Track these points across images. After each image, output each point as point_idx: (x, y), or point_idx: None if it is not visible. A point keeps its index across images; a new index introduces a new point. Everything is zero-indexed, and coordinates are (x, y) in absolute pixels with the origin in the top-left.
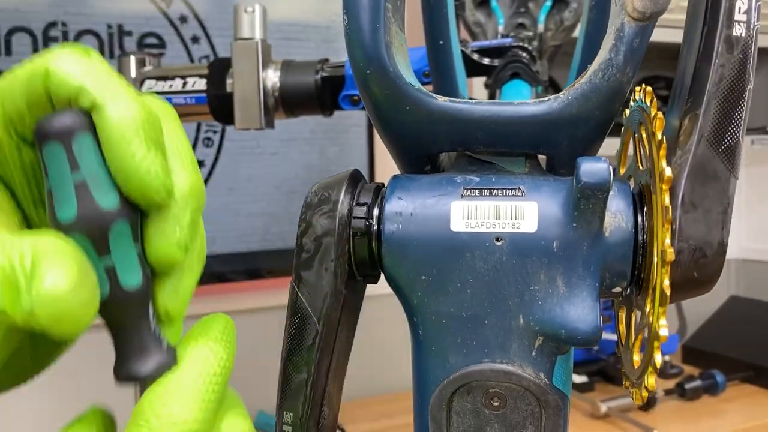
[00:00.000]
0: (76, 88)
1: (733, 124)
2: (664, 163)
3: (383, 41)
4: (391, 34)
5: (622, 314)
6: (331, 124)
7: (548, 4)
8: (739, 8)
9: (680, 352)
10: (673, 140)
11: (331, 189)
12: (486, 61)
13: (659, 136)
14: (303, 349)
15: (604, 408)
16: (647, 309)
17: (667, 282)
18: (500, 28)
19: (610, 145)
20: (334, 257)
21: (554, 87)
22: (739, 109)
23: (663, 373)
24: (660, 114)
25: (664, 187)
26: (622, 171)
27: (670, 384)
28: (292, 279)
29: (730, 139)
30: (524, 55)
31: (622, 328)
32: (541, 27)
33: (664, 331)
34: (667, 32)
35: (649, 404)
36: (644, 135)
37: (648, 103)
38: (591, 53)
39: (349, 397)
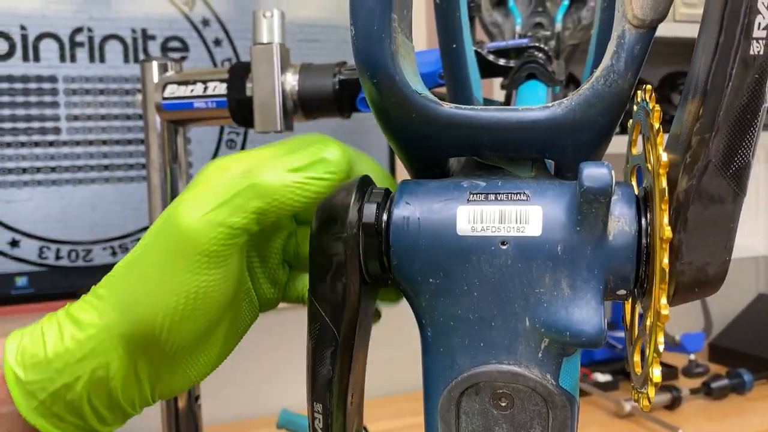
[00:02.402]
0: (348, 163)
1: (744, 146)
2: (661, 149)
3: (389, 51)
4: (397, 44)
5: (627, 315)
6: (350, 125)
7: (566, 3)
8: (759, 24)
9: (707, 350)
10: (678, 143)
11: (338, 207)
12: (502, 62)
13: (657, 126)
14: (325, 354)
15: (628, 407)
16: (651, 298)
17: (666, 260)
18: (518, 28)
19: (621, 142)
20: (347, 274)
21: (574, 83)
22: (751, 131)
23: (689, 372)
24: (658, 107)
25: (661, 171)
26: (635, 151)
27: (696, 383)
28: (309, 289)
29: (740, 161)
30: (540, 55)
31: (627, 323)
32: (558, 26)
33: (665, 311)
34: (690, 27)
35: (674, 403)
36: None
37: (647, 99)
38: (603, 55)
39: (368, 396)
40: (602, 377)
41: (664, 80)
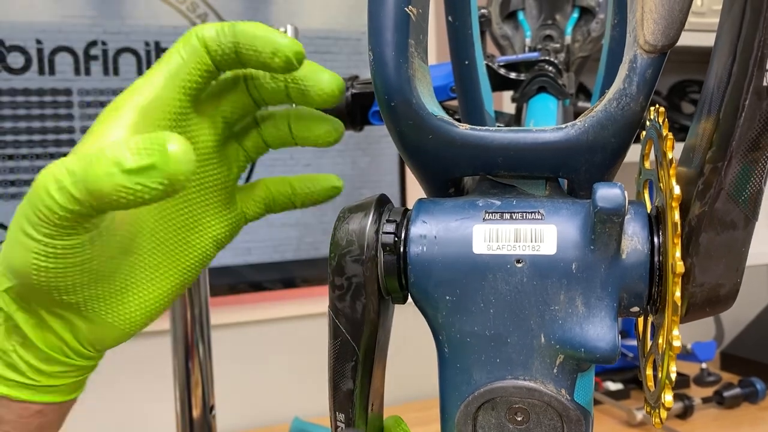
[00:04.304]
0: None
1: (756, 174)
2: (673, 181)
3: (406, 75)
4: (414, 67)
5: (640, 327)
6: (362, 136)
7: (575, 15)
8: None
9: (718, 359)
10: (691, 161)
11: (356, 230)
12: (512, 75)
13: (670, 155)
14: (346, 367)
15: (639, 416)
16: (663, 326)
17: (678, 293)
18: (527, 41)
19: (635, 150)
20: (366, 294)
21: (585, 94)
22: (764, 159)
23: (701, 380)
24: (671, 135)
25: (674, 204)
26: (647, 164)
27: (708, 392)
28: (330, 306)
29: (752, 188)
30: (550, 69)
31: (640, 335)
32: (568, 39)
33: (677, 342)
34: (701, 36)
35: (686, 412)
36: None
37: (660, 123)
38: (614, 71)
39: (385, 403)
40: (614, 386)
41: (674, 88)
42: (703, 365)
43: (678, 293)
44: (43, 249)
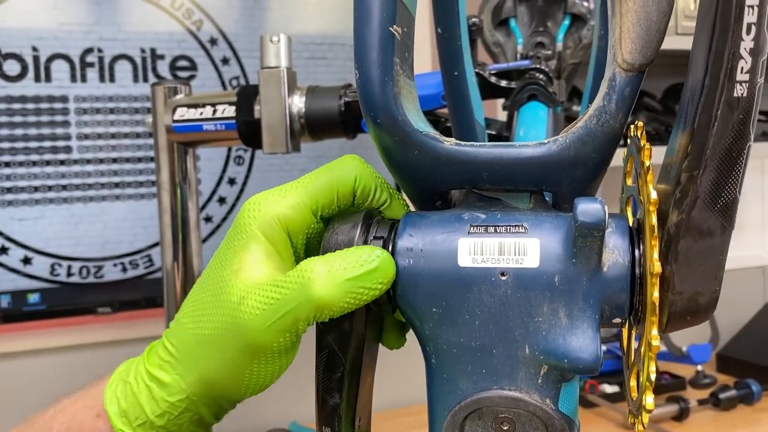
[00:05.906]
0: (375, 188)
1: (730, 182)
2: (650, 187)
3: (392, 93)
4: (399, 85)
5: (624, 339)
6: (355, 143)
7: (566, 22)
8: (742, 68)
9: (714, 361)
10: (669, 175)
11: (344, 239)
12: (503, 83)
13: (647, 163)
14: (333, 379)
15: None
16: (644, 336)
17: (656, 294)
18: (519, 48)
19: (620, 154)
20: None
21: (578, 97)
22: (737, 168)
23: (696, 382)
24: (648, 145)
25: (651, 208)
26: (629, 181)
27: (704, 394)
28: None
29: (727, 196)
30: (541, 77)
31: (624, 347)
32: (559, 45)
33: (656, 342)
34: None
35: (682, 414)
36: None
37: (639, 136)
38: (601, 82)
39: (376, 408)
40: (609, 388)
41: (668, 92)
42: (699, 367)
43: (656, 293)
44: (256, 373)
